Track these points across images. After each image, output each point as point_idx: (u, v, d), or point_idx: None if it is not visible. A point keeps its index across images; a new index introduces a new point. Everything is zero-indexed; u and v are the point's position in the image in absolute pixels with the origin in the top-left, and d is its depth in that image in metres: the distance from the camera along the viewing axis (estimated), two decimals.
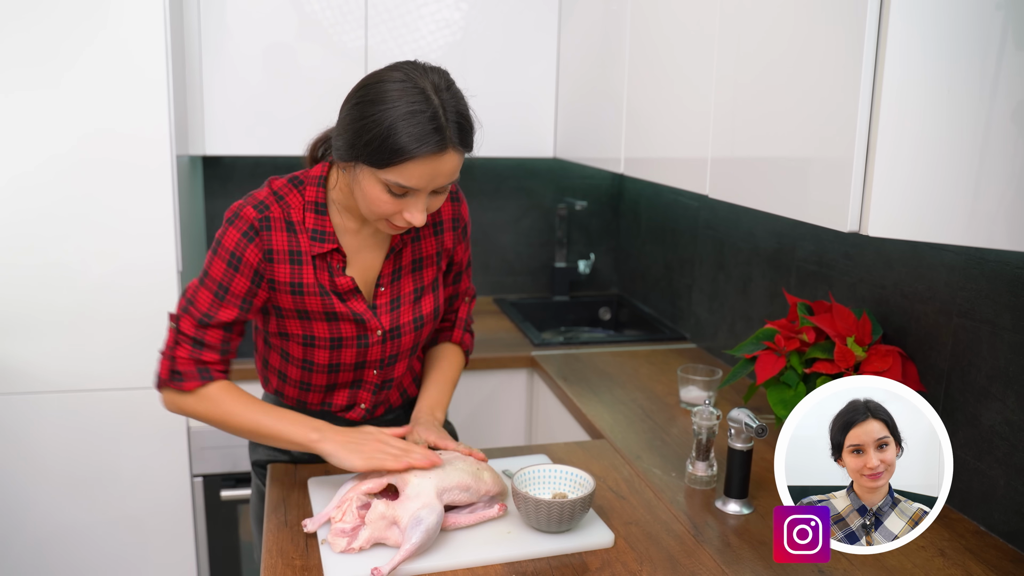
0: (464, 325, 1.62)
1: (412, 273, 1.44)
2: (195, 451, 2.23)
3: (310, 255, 1.33)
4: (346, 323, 1.38)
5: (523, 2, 2.50)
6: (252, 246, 1.31)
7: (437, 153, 1.18)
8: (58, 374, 2.12)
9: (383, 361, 1.45)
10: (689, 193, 2.42)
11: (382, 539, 1.23)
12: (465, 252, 1.54)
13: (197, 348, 1.33)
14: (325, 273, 1.35)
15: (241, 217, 1.31)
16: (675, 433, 1.80)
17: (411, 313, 1.44)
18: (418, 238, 1.44)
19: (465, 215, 1.50)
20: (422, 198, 1.24)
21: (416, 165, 1.18)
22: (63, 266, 2.07)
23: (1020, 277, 1.32)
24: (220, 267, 1.31)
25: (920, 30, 1.07)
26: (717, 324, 2.32)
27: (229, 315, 1.33)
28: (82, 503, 2.19)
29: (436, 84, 1.20)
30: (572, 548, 1.26)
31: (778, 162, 1.36)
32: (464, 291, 1.60)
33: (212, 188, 2.73)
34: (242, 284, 1.32)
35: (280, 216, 1.32)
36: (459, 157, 1.23)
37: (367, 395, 1.49)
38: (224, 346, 1.36)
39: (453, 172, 1.23)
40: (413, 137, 1.16)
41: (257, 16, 2.33)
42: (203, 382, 1.34)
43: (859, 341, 1.52)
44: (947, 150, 1.08)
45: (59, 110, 1.99)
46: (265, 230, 1.31)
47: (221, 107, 2.36)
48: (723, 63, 1.53)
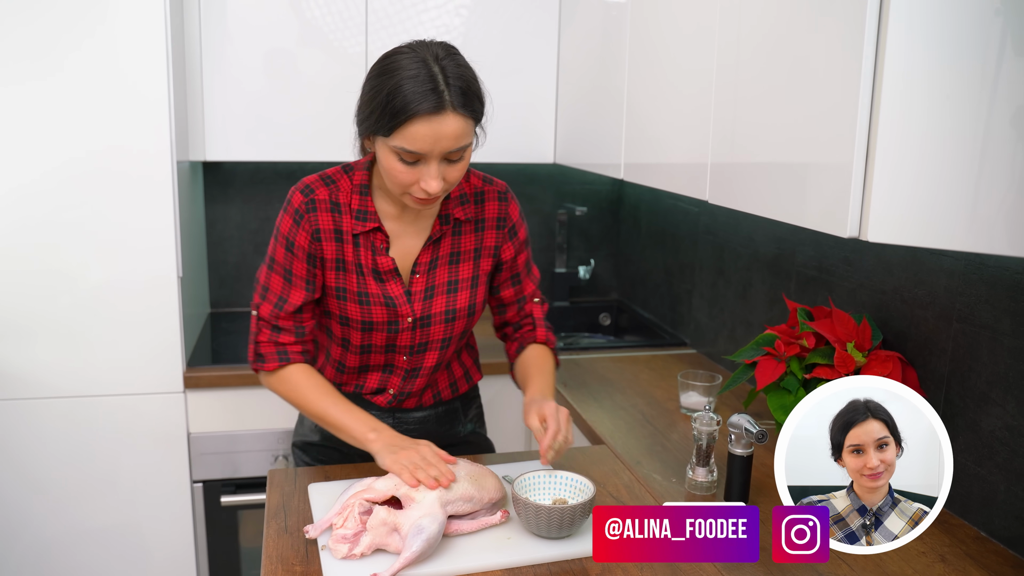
0: (544, 324, 1.60)
1: (448, 265, 1.46)
2: (195, 457, 2.23)
3: (351, 234, 1.41)
4: (377, 307, 1.43)
5: (523, 8, 2.50)
6: (300, 230, 1.40)
7: (435, 113, 1.22)
8: (58, 380, 2.12)
9: (412, 348, 1.49)
10: (689, 198, 2.42)
11: (383, 545, 1.23)
12: (520, 255, 1.54)
13: (275, 332, 1.44)
14: (368, 252, 1.42)
15: (291, 203, 1.41)
16: (675, 439, 1.79)
17: (443, 304, 1.47)
18: (458, 232, 1.47)
19: (514, 216, 1.51)
20: (433, 165, 1.27)
21: (417, 126, 1.23)
22: (63, 272, 2.07)
23: (1020, 282, 1.32)
24: (281, 252, 1.42)
25: (919, 36, 1.08)
26: (717, 329, 2.32)
27: (298, 297, 1.42)
28: (82, 509, 2.19)
29: (437, 54, 1.26)
30: (572, 554, 1.26)
31: (778, 168, 1.36)
32: (531, 293, 1.59)
33: (212, 194, 2.73)
34: (300, 266, 1.41)
35: (326, 198, 1.40)
36: (463, 121, 1.25)
37: (397, 380, 1.53)
38: (299, 328, 1.45)
39: (458, 136, 1.25)
40: (411, 98, 1.22)
41: (258, 22, 2.34)
42: (281, 364, 1.44)
43: (859, 346, 1.52)
44: (947, 155, 1.08)
45: (59, 117, 1.99)
46: (311, 212, 1.39)
47: (222, 113, 2.36)
48: (722, 68, 1.53)
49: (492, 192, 1.50)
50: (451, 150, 1.26)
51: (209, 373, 2.21)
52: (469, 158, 1.32)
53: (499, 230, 1.50)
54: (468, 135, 1.27)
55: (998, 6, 1.04)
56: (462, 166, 1.30)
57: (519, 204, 1.55)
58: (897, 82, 1.09)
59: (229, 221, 2.77)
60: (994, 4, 1.04)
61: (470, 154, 1.32)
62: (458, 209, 1.45)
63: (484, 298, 1.53)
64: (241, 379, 2.23)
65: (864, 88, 1.12)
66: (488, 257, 1.50)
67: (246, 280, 2.82)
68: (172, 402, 2.19)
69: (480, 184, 1.49)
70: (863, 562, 1.29)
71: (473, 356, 1.68)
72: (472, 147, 1.32)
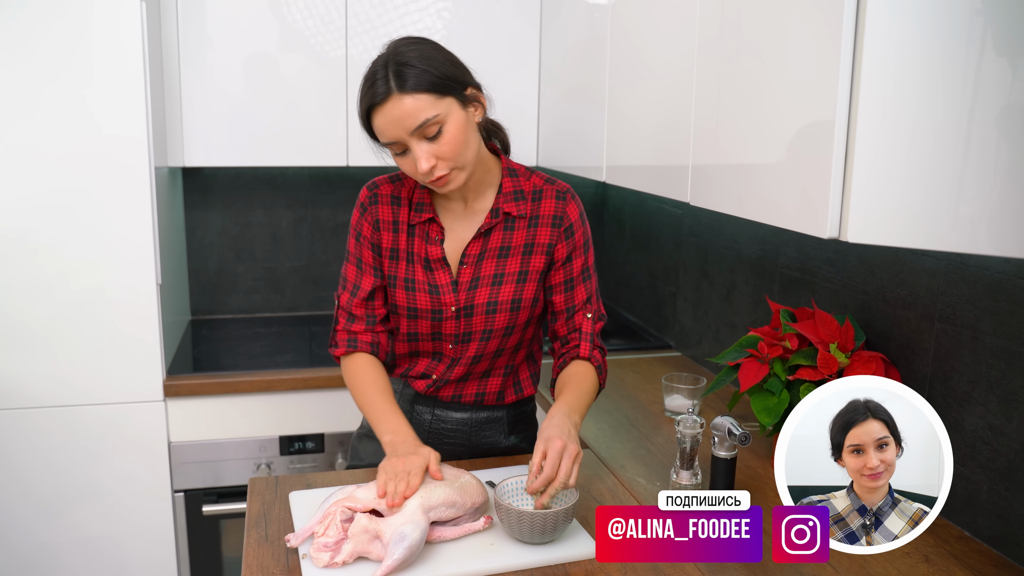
0: (591, 339, 1.52)
1: (497, 258, 1.48)
2: (176, 466, 2.21)
3: (406, 224, 1.49)
4: (422, 294, 1.48)
5: (504, 12, 2.50)
6: (364, 221, 1.50)
7: (382, 102, 1.31)
8: (37, 389, 2.09)
9: (458, 337, 1.51)
10: (672, 201, 2.42)
11: (365, 553, 1.22)
12: (575, 258, 1.50)
13: (350, 320, 1.52)
14: (422, 242, 1.48)
15: (359, 198, 1.52)
16: (660, 442, 1.79)
17: (487, 296, 1.48)
18: (511, 228, 1.48)
19: (572, 215, 1.49)
20: (415, 147, 1.33)
21: (378, 120, 1.33)
22: (40, 281, 2.04)
23: (1000, 282, 1.32)
24: (352, 242, 1.52)
25: (899, 36, 1.08)
26: (701, 332, 2.32)
27: (368, 282, 1.51)
28: (62, 519, 2.16)
29: (396, 47, 1.34)
30: (555, 559, 1.25)
31: (758, 169, 1.36)
32: (582, 304, 1.52)
33: (192, 200, 2.71)
34: (368, 254, 1.51)
35: (388, 192, 1.50)
36: (413, 98, 1.30)
37: (441, 368, 1.55)
38: (371, 316, 1.52)
39: (414, 113, 1.30)
40: (362, 98, 1.34)
41: (238, 26, 2.32)
42: (348, 350, 1.51)
43: (842, 347, 1.52)
44: (928, 155, 1.08)
45: (35, 124, 1.97)
46: (373, 204, 1.50)
47: (201, 117, 2.34)
48: (703, 70, 1.53)
49: (551, 190, 1.50)
50: (415, 127, 1.31)
51: (190, 381, 2.19)
52: (457, 130, 1.33)
53: (554, 228, 1.49)
54: (427, 109, 1.30)
55: (979, 6, 1.04)
56: (450, 138, 1.33)
57: (582, 208, 1.52)
58: (876, 82, 1.09)
59: (210, 227, 2.75)
60: (975, 4, 1.04)
61: (457, 126, 1.33)
62: (511, 204, 1.47)
63: (533, 296, 1.50)
64: (222, 387, 2.21)
65: (843, 89, 1.11)
66: (541, 254, 1.49)
67: (227, 286, 2.80)
68: (152, 411, 2.16)
69: (540, 183, 1.51)
70: (847, 563, 1.29)
71: (532, 370, 1.63)
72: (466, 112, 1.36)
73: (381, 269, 1.51)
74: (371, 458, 1.63)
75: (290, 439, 2.29)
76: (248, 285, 2.82)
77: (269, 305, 2.86)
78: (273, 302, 2.86)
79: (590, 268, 1.53)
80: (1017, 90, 1.02)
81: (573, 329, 1.52)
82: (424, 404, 1.60)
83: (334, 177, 2.81)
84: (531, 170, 1.53)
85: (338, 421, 2.31)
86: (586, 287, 1.52)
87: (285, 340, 2.62)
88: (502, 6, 2.49)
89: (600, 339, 1.54)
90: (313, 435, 2.31)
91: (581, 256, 1.51)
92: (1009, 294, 1.31)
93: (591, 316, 1.52)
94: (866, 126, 1.10)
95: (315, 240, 2.85)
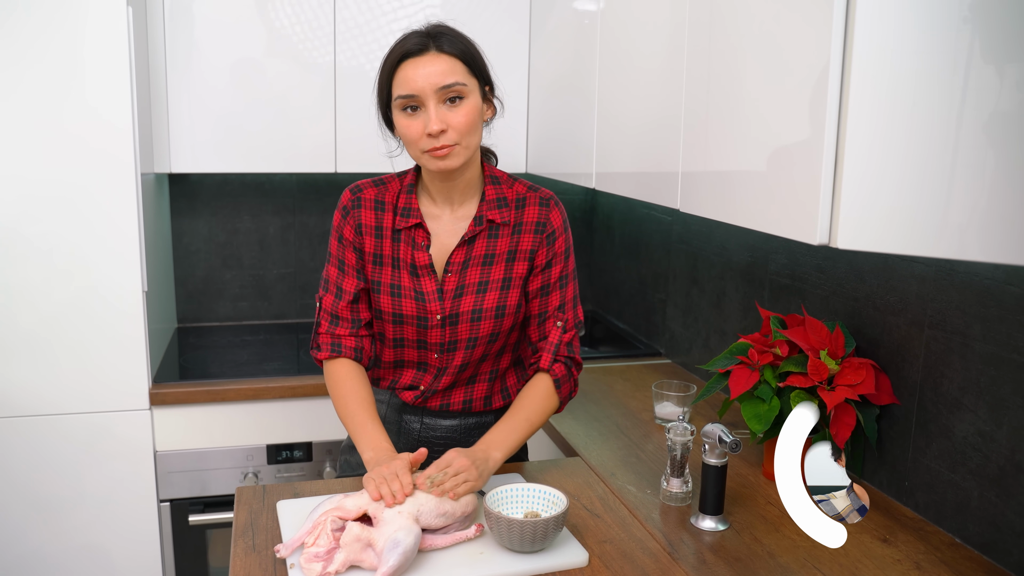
0: (554, 350, 1.50)
1: (481, 266, 1.48)
2: (162, 475, 2.18)
3: (391, 230, 1.49)
4: (408, 300, 1.48)
5: (493, 19, 2.50)
6: (346, 224, 1.50)
7: (419, 53, 1.35)
8: (21, 398, 2.06)
9: (443, 346, 1.50)
10: (662, 208, 2.42)
11: (358, 562, 1.21)
12: (554, 265, 1.50)
13: (333, 324, 1.52)
14: (408, 248, 1.49)
15: (341, 201, 1.52)
16: (650, 449, 1.78)
17: (471, 303, 1.47)
18: (494, 235, 1.48)
19: (555, 222, 1.50)
20: (431, 106, 1.35)
21: (406, 69, 1.35)
22: (24, 288, 2.02)
23: (989, 288, 1.32)
24: (335, 244, 1.52)
25: (887, 43, 1.08)
26: (692, 339, 2.32)
27: (351, 284, 1.50)
28: (47, 529, 2.13)
29: (429, 22, 1.41)
30: (546, 568, 1.24)
31: (748, 176, 1.35)
32: (554, 310, 1.51)
33: (179, 206, 2.69)
34: (351, 256, 1.51)
35: (371, 197, 1.50)
36: (448, 59, 1.36)
37: (428, 378, 1.55)
38: (355, 320, 1.51)
39: (445, 73, 1.35)
40: (397, 46, 1.38)
41: (225, 32, 2.31)
42: (332, 355, 1.51)
43: (832, 354, 1.52)
44: (917, 162, 1.08)
45: (19, 128, 1.95)
46: (355, 208, 1.50)
47: (188, 124, 2.32)
48: (693, 76, 1.53)
49: (535, 198, 1.51)
50: (441, 86, 1.34)
51: (176, 389, 2.16)
52: (474, 108, 1.38)
53: (537, 234, 1.49)
54: (459, 74, 1.36)
55: (966, 13, 1.04)
56: (465, 111, 1.36)
57: (565, 215, 1.52)
58: (865, 89, 1.09)
59: (196, 234, 2.73)
60: (962, 11, 1.04)
61: (475, 105, 1.38)
62: (494, 212, 1.48)
63: (517, 302, 1.50)
64: (209, 395, 2.19)
65: (832, 95, 1.11)
66: (523, 261, 1.49)
67: (214, 293, 2.78)
68: (138, 419, 2.14)
69: (524, 191, 1.51)
70: (837, 570, 1.28)
71: (519, 376, 1.62)
72: (483, 105, 1.42)
73: (364, 272, 1.51)
74: (362, 467, 1.62)
75: (277, 448, 2.27)
76: (235, 292, 2.80)
77: (256, 313, 2.84)
78: (260, 309, 2.84)
79: (568, 276, 1.53)
80: (1005, 97, 1.02)
81: (542, 336, 1.53)
82: (412, 413, 1.59)
83: (322, 184, 2.80)
84: (513, 177, 1.53)
85: (326, 430, 2.30)
86: (561, 294, 1.52)
87: (272, 348, 2.60)
88: (491, 12, 2.48)
89: (570, 349, 1.52)
90: (301, 444, 2.29)
91: (560, 263, 1.51)
92: (999, 300, 1.31)
93: (561, 324, 1.51)
94: (856, 133, 1.10)
95: (303, 247, 2.84)
